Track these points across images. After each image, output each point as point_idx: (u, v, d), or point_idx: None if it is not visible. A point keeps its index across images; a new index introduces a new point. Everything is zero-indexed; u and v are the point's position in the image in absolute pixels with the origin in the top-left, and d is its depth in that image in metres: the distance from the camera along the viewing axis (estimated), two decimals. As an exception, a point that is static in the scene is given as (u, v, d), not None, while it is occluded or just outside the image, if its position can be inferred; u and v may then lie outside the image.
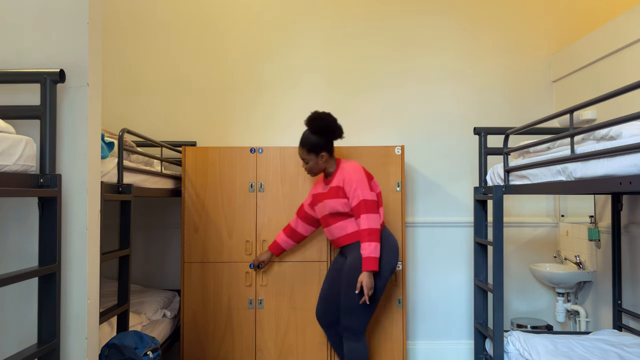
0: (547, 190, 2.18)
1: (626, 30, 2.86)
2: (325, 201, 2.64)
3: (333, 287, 2.77)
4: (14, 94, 1.83)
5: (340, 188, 2.59)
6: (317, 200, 2.73)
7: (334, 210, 2.61)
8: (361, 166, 2.65)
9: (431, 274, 3.67)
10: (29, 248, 1.81)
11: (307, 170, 2.68)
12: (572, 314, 3.40)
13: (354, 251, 2.62)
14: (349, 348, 2.59)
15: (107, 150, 2.28)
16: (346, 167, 2.62)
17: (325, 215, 2.67)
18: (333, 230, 2.67)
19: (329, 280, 2.79)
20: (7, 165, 1.51)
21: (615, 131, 1.77)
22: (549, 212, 3.71)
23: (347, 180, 2.55)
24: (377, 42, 3.74)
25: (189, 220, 3.15)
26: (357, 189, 2.53)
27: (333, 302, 2.76)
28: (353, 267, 2.57)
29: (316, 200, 2.74)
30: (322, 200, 2.68)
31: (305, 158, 2.64)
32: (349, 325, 2.58)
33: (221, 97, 3.73)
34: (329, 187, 2.66)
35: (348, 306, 2.56)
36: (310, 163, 2.64)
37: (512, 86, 3.73)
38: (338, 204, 2.59)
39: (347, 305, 2.57)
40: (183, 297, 3.11)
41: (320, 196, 2.70)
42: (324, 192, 2.68)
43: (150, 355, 2.16)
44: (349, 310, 2.56)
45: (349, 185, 2.54)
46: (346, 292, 2.57)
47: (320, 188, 2.74)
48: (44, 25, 1.85)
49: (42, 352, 1.61)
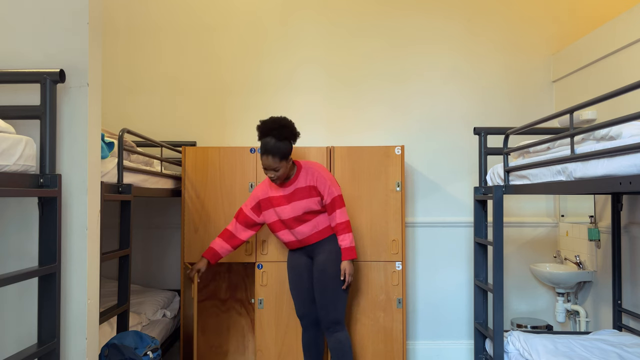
0: (547, 190, 2.18)
1: (626, 30, 2.86)
2: (295, 203, 2.63)
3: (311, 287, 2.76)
4: (14, 94, 1.83)
5: (313, 187, 2.63)
6: (277, 204, 2.66)
7: (308, 209, 2.63)
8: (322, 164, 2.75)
9: (431, 274, 3.67)
10: (29, 248, 1.81)
11: (277, 178, 2.59)
12: (572, 314, 3.40)
13: (326, 246, 2.68)
14: (338, 339, 2.68)
15: (107, 150, 2.28)
16: (312, 167, 2.67)
17: (297, 216, 2.64)
18: (303, 229, 2.66)
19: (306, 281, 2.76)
20: (7, 165, 1.51)
21: (615, 131, 1.77)
22: (549, 212, 3.71)
23: (319, 179, 2.64)
24: (377, 42, 3.74)
25: (189, 220, 3.15)
26: (330, 186, 2.64)
27: (313, 301, 2.78)
28: (332, 261, 2.65)
29: (276, 204, 2.67)
30: (287, 203, 2.64)
31: (277, 167, 2.54)
32: (336, 318, 2.66)
33: (221, 97, 3.73)
34: (294, 189, 2.64)
35: (333, 300, 2.65)
36: (281, 170, 2.56)
37: (512, 86, 3.73)
38: (312, 203, 2.63)
39: (332, 300, 2.65)
40: (183, 297, 3.11)
41: (284, 199, 2.65)
42: (288, 194, 2.64)
43: (150, 355, 2.16)
44: (334, 304, 2.65)
45: (322, 184, 2.63)
46: (331, 287, 2.64)
47: (279, 191, 2.67)
48: (44, 25, 1.85)
49: (42, 352, 1.61)
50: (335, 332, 2.68)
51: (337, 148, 3.17)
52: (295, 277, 2.77)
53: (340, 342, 2.67)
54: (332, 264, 2.65)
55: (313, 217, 2.66)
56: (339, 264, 2.66)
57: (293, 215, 2.65)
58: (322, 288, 2.65)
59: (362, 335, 3.10)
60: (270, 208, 2.69)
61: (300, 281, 2.77)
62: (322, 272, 2.65)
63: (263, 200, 2.72)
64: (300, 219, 2.66)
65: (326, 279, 2.64)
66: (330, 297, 2.64)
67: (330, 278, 2.64)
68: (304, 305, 2.78)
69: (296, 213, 2.65)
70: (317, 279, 2.66)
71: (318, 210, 2.66)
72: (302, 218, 2.66)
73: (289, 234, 2.71)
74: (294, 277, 2.78)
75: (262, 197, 2.73)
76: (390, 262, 3.12)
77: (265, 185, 2.76)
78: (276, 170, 2.56)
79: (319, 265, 2.67)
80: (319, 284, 2.66)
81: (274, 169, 2.56)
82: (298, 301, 2.78)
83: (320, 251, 2.69)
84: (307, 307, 2.78)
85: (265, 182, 2.79)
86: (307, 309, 2.78)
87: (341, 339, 2.68)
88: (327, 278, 2.64)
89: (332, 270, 2.64)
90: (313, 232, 2.68)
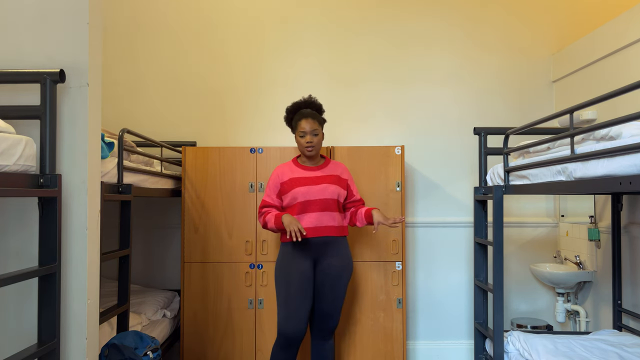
0: (547, 190, 2.18)
1: (626, 30, 2.86)
2: (327, 185, 2.54)
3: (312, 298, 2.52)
4: (14, 94, 1.83)
5: (343, 179, 2.65)
6: (304, 183, 2.54)
7: (334, 195, 2.55)
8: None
9: (431, 274, 3.67)
10: (29, 248, 1.81)
11: (314, 145, 2.53)
12: (572, 314, 3.40)
13: (337, 248, 2.55)
14: (331, 346, 2.66)
15: (107, 150, 2.28)
16: (340, 164, 2.73)
17: (326, 199, 2.52)
18: (324, 216, 2.52)
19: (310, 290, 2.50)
20: (7, 165, 1.51)
21: (615, 131, 1.77)
22: (549, 212, 3.71)
23: (349, 176, 2.72)
24: (378, 42, 3.74)
25: (189, 220, 3.14)
26: (355, 187, 2.75)
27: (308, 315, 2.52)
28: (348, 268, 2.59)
29: (304, 183, 2.54)
30: (319, 184, 2.53)
31: (316, 129, 2.54)
32: (334, 325, 2.63)
33: (221, 97, 3.73)
34: (323, 173, 2.59)
35: (337, 308, 2.59)
36: (319, 136, 2.57)
37: (512, 86, 3.73)
38: (340, 191, 2.60)
39: (336, 307, 2.59)
40: (183, 297, 3.11)
41: (312, 180, 2.54)
42: (317, 176, 2.57)
43: (150, 355, 2.16)
44: (337, 312, 2.60)
45: (352, 180, 2.72)
46: (342, 295, 2.60)
47: (306, 173, 2.58)
48: (44, 25, 1.85)
49: (42, 352, 1.61)
50: (328, 339, 2.65)
51: (337, 148, 3.17)
52: (304, 282, 2.47)
53: (332, 349, 2.67)
54: (348, 272, 2.59)
55: (335, 209, 2.56)
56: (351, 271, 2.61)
57: (321, 197, 2.51)
58: (335, 295, 2.54)
59: (362, 335, 3.10)
60: (297, 187, 2.53)
61: (307, 289, 2.48)
62: (337, 278, 2.53)
63: (286, 182, 2.57)
64: (328, 206, 2.52)
65: (341, 287, 2.56)
66: (338, 305, 2.59)
67: (344, 286, 2.58)
68: (303, 320, 2.45)
69: (325, 196, 2.52)
70: (332, 286, 2.52)
71: (340, 203, 2.62)
72: (329, 205, 2.53)
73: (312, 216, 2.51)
74: (300, 284, 2.46)
75: (285, 179, 2.57)
76: (390, 262, 3.12)
77: (285, 168, 2.62)
78: (316, 135, 2.54)
79: (334, 271, 2.53)
80: (332, 291, 2.52)
81: (314, 133, 2.53)
82: (299, 312, 2.44)
83: (335, 253, 2.54)
84: (304, 322, 2.46)
85: (283, 167, 2.63)
86: (304, 325, 2.46)
87: (332, 346, 2.67)
88: (343, 286, 2.57)
89: (346, 278, 2.59)
90: (331, 223, 2.53)
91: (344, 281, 2.58)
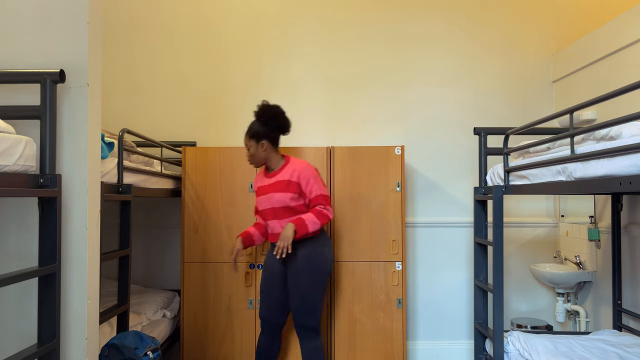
0: (547, 191, 2.18)
1: (626, 30, 2.86)
2: (271, 194, 2.60)
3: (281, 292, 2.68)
4: (14, 94, 1.83)
5: (293, 183, 2.58)
6: (259, 193, 2.68)
7: (283, 204, 2.58)
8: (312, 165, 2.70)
9: (431, 274, 3.67)
10: (29, 248, 1.81)
11: (249, 157, 2.63)
12: (572, 314, 3.40)
13: (303, 249, 2.59)
14: (313, 348, 2.62)
15: (107, 150, 2.28)
16: (299, 164, 2.62)
17: (274, 208, 2.61)
18: (275, 224, 2.64)
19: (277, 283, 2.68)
20: (7, 165, 1.51)
21: (615, 131, 1.77)
22: (549, 212, 3.71)
23: (301, 176, 2.58)
24: (378, 43, 3.74)
25: (189, 220, 3.15)
26: (314, 184, 2.59)
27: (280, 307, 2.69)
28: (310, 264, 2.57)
29: (259, 193, 2.69)
30: (266, 193, 2.63)
31: (247, 144, 2.62)
32: (312, 324, 2.60)
33: (221, 97, 3.73)
34: (274, 180, 2.62)
35: (310, 304, 2.58)
36: (251, 150, 2.61)
37: (512, 86, 3.73)
38: (287, 198, 2.57)
39: (308, 304, 2.58)
40: (183, 297, 3.11)
41: (264, 189, 2.65)
42: (268, 184, 2.63)
43: (150, 356, 2.16)
44: (311, 309, 2.58)
45: (305, 181, 2.58)
46: (308, 291, 2.57)
47: (264, 181, 2.68)
48: (44, 25, 1.85)
49: (42, 352, 1.61)
50: (311, 339, 2.62)
51: (337, 148, 3.17)
52: (269, 276, 2.69)
53: (314, 350, 2.62)
54: (312, 267, 2.57)
55: (289, 215, 2.60)
56: (317, 267, 2.57)
57: (269, 206, 2.61)
58: (298, 291, 2.58)
59: (362, 336, 3.10)
60: (257, 197, 2.70)
61: (272, 282, 2.68)
62: (300, 274, 2.57)
63: (257, 189, 2.73)
64: (280, 212, 2.60)
65: (304, 281, 2.57)
66: (310, 302, 2.57)
67: (308, 281, 2.57)
68: (270, 309, 2.69)
69: (272, 205, 2.60)
70: (294, 281, 2.58)
71: (294, 208, 2.59)
72: (281, 212, 2.60)
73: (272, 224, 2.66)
74: (267, 277, 2.70)
75: (256, 187, 2.74)
76: (390, 262, 3.12)
77: (259, 173, 2.78)
78: (247, 149, 2.63)
79: (295, 267, 2.59)
80: (295, 286, 2.58)
81: (247, 148, 2.63)
82: (265, 302, 2.69)
83: (297, 253, 2.60)
84: (272, 311, 2.69)
85: (258, 174, 2.78)
86: (271, 313, 2.69)
87: (316, 348, 2.62)
88: (305, 280, 2.57)
89: (311, 273, 2.57)
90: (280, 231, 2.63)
91: (304, 277, 2.56)
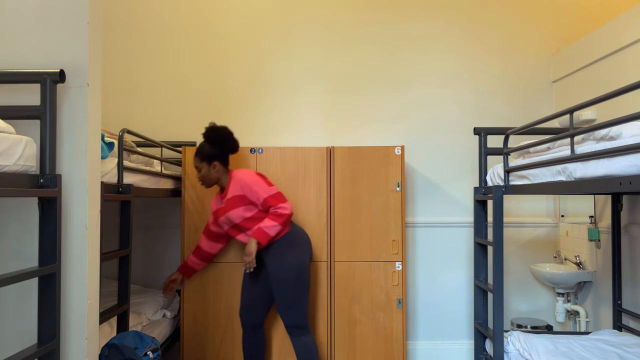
0: (547, 191, 2.18)
1: (626, 30, 2.86)
2: (227, 214, 2.70)
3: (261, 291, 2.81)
4: (14, 94, 1.83)
5: (240, 196, 2.66)
6: (218, 216, 2.77)
7: (241, 218, 2.67)
8: (252, 171, 2.74)
9: (431, 274, 3.67)
10: (29, 248, 1.81)
11: (200, 179, 2.71)
12: (572, 314, 3.40)
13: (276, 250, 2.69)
14: (303, 344, 2.70)
15: (107, 150, 2.28)
16: (237, 176, 2.69)
17: (235, 224, 2.71)
18: (241, 237, 2.75)
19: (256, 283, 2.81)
20: (7, 165, 1.51)
21: (615, 131, 1.77)
22: (549, 212, 3.71)
23: (244, 187, 2.65)
24: (378, 42, 3.74)
25: (189, 220, 3.14)
26: (257, 190, 2.64)
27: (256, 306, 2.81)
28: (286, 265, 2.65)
29: (217, 216, 2.77)
30: (222, 215, 2.72)
31: (198, 166, 2.70)
32: (297, 321, 2.68)
33: (221, 97, 3.73)
34: (226, 200, 2.71)
35: (291, 302, 2.66)
36: (203, 171, 2.69)
37: (512, 86, 3.73)
38: (243, 211, 2.66)
39: (290, 301, 2.65)
40: (183, 297, 3.11)
41: (220, 211, 2.74)
42: (223, 206, 2.73)
43: (150, 356, 2.16)
44: (292, 306, 2.66)
45: (248, 191, 2.65)
46: (288, 290, 2.65)
47: (219, 203, 2.78)
48: (44, 25, 1.85)
49: (42, 352, 1.61)
50: (300, 336, 2.70)
51: (337, 148, 3.17)
52: (247, 276, 2.83)
53: (304, 346, 2.69)
54: (287, 267, 2.65)
55: (256, 222, 2.68)
56: (290, 268, 2.65)
57: (231, 224, 2.72)
58: (280, 292, 2.67)
59: (362, 336, 3.10)
60: (219, 218, 2.76)
61: (250, 281, 2.81)
62: (277, 276, 2.67)
63: (214, 212, 2.81)
64: (244, 224, 2.69)
65: (282, 283, 2.66)
66: (291, 299, 2.66)
67: (287, 282, 2.65)
68: (246, 307, 2.81)
69: (232, 222, 2.71)
70: (274, 283, 2.67)
71: (253, 216, 2.67)
72: (245, 223, 2.69)
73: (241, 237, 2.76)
74: (246, 277, 2.84)
75: (213, 210, 2.83)
76: (390, 262, 3.12)
77: (215, 197, 2.85)
78: (198, 170, 2.70)
79: (273, 270, 2.68)
80: (277, 288, 2.67)
81: (196, 169, 2.70)
82: (243, 300, 2.83)
83: (272, 256, 2.69)
84: (248, 309, 2.81)
85: (215, 195, 2.86)
86: (247, 311, 2.81)
87: (306, 343, 2.70)
88: (283, 282, 2.65)
89: (287, 273, 2.65)
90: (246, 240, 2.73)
91: (281, 282, 2.65)
